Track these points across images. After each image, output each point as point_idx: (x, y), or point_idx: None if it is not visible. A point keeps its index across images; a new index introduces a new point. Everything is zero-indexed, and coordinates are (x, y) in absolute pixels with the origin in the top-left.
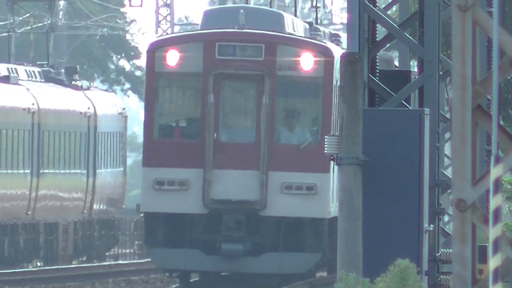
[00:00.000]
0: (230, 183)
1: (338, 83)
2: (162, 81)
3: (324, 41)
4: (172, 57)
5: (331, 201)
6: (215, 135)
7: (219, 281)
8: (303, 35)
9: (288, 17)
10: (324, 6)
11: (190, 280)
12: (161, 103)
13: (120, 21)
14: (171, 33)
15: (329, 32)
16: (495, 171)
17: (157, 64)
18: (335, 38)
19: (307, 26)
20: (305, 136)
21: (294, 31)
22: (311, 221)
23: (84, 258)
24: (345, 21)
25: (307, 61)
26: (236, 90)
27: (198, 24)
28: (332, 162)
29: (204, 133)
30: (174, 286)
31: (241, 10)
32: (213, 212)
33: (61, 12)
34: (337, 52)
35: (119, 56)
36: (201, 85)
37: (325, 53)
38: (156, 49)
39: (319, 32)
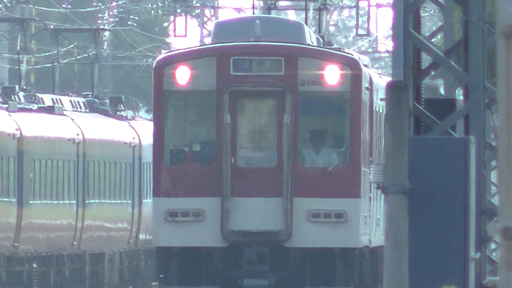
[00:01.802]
0: (250, 212)
1: (367, 98)
2: (172, 101)
3: (350, 52)
4: (183, 74)
5: (362, 229)
6: (232, 159)
7: None
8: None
9: (307, 28)
10: (369, 34)
11: None
12: (171, 126)
13: (164, 51)
14: (180, 48)
15: (336, 46)
16: None
17: (165, 82)
18: None
19: (321, 39)
20: (332, 157)
21: (312, 43)
22: (340, 252)
23: None
24: (390, 48)
25: (332, 75)
26: (254, 109)
27: None
28: (362, 187)
29: (220, 158)
30: None
31: (257, 21)
32: (233, 245)
33: (105, 43)
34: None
35: None
36: (216, 104)
37: (352, 65)
38: (165, 66)
39: (332, 46)
